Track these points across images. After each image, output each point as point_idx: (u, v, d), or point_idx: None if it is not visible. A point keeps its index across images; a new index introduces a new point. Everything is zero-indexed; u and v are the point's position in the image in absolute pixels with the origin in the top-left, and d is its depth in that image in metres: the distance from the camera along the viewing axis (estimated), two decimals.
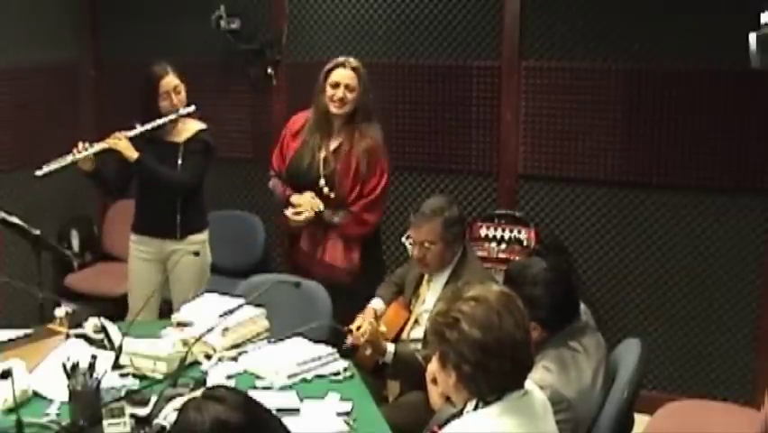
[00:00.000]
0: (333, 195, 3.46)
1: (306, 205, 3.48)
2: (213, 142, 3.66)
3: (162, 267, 3.72)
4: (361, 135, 3.48)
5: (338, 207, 3.48)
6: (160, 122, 3.55)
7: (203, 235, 3.73)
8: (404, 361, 2.91)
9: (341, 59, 3.49)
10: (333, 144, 3.52)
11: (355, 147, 3.46)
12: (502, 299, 1.88)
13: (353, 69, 3.45)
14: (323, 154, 3.50)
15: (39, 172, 3.42)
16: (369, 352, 2.86)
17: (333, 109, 3.46)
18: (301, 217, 3.47)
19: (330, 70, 3.47)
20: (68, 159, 3.42)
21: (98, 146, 3.46)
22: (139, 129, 3.53)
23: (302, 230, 3.54)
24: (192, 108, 3.60)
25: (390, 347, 2.91)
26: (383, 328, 3.04)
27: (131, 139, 3.51)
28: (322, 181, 3.48)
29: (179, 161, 3.60)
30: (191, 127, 3.66)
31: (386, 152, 3.56)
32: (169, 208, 3.63)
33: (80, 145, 3.44)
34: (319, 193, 3.48)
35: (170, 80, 3.56)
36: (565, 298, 2.48)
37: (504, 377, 1.85)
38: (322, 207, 3.46)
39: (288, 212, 3.51)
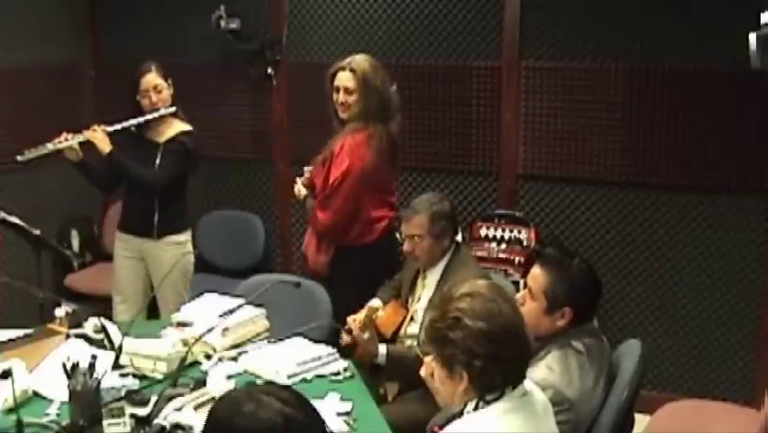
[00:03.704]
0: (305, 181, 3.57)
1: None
2: (192, 144, 3.66)
3: (143, 265, 3.77)
4: (354, 130, 3.40)
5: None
6: (140, 119, 3.60)
7: (182, 237, 3.76)
8: (397, 361, 2.91)
9: (344, 61, 3.44)
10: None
11: (337, 140, 3.43)
12: (493, 288, 1.93)
13: (352, 70, 3.39)
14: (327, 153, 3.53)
15: (20, 158, 3.46)
16: (366, 336, 2.86)
17: (340, 114, 3.45)
18: (295, 188, 3.60)
19: (333, 74, 3.45)
20: (49, 147, 3.46)
21: (78, 137, 3.50)
22: (117, 125, 3.58)
23: None
24: (171, 110, 3.63)
25: (382, 349, 2.90)
26: (380, 312, 3.11)
27: (114, 133, 3.55)
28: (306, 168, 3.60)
29: (157, 161, 3.62)
30: (175, 128, 3.69)
31: (364, 155, 3.36)
32: (147, 208, 3.67)
33: (62, 135, 3.49)
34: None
35: (150, 79, 3.59)
36: (598, 293, 2.50)
37: (515, 364, 1.87)
38: (302, 191, 3.57)
39: (299, 179, 3.61)
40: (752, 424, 2.93)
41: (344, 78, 3.40)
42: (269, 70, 4.66)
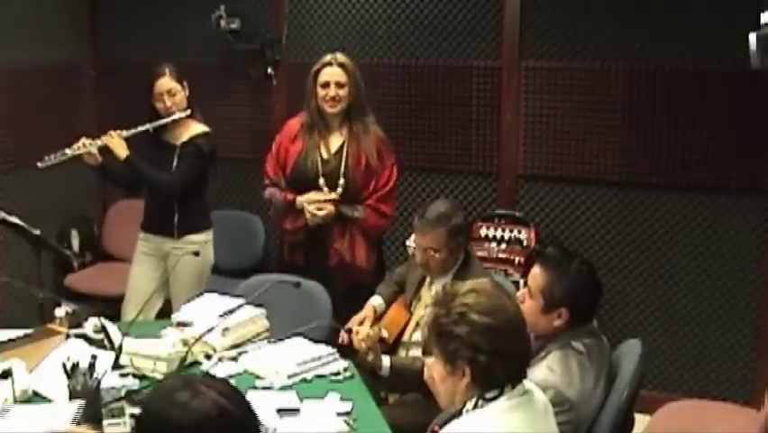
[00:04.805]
0: (338, 190, 3.44)
1: (321, 198, 3.44)
2: (208, 147, 3.65)
3: (162, 264, 3.76)
4: (365, 130, 3.49)
5: (352, 204, 3.47)
6: (154, 124, 3.60)
7: (202, 236, 3.73)
8: (400, 374, 2.84)
9: (327, 57, 3.48)
10: (336, 144, 3.51)
11: (362, 142, 3.47)
12: (496, 285, 1.96)
13: (341, 65, 3.44)
14: (324, 155, 3.50)
15: (40, 164, 3.48)
16: (370, 358, 2.83)
17: (328, 109, 3.45)
18: (322, 213, 3.43)
19: (318, 71, 3.46)
20: (68, 153, 3.48)
21: (95, 143, 3.52)
22: (133, 130, 3.59)
23: (329, 235, 3.49)
24: (185, 113, 3.62)
25: (386, 361, 2.83)
26: (384, 334, 3.02)
27: (132, 138, 3.56)
28: (321, 181, 3.48)
29: (174, 163, 3.62)
30: (191, 130, 3.68)
31: (390, 144, 3.59)
32: (167, 208, 3.67)
33: (81, 141, 3.51)
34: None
35: (164, 82, 3.59)
36: (598, 294, 2.50)
37: (517, 361, 1.88)
38: (332, 208, 3.43)
39: (310, 207, 3.44)
40: (752, 424, 2.93)
41: (335, 74, 3.44)
42: (269, 70, 4.66)
